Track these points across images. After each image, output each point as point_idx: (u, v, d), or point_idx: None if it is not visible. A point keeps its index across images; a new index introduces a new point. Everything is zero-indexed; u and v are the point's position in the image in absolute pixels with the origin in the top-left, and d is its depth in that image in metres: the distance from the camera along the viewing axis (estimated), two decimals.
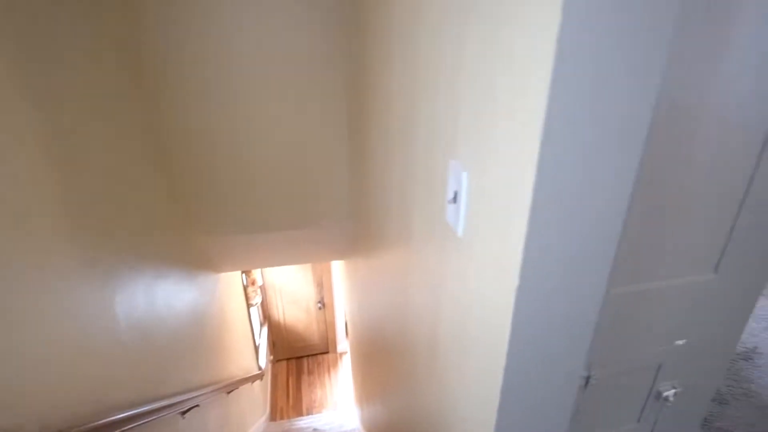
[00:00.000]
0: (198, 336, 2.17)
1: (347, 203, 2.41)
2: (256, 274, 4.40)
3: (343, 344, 5.47)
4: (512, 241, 0.53)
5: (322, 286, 5.19)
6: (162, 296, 1.67)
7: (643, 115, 0.47)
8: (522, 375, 0.60)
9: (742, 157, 0.73)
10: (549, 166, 0.46)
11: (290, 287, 5.13)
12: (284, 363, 5.43)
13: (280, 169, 2.20)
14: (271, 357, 5.27)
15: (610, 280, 0.78)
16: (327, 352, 5.56)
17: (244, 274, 3.97)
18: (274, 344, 5.33)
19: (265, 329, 4.86)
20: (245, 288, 3.92)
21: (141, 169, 1.61)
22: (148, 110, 1.78)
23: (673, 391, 0.94)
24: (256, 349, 4.10)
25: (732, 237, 0.79)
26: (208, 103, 1.94)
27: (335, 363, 5.46)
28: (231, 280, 3.34)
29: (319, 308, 5.29)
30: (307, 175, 2.26)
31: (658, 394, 0.93)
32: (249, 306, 3.94)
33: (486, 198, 0.61)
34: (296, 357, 5.50)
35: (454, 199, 0.73)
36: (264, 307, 5.10)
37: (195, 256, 2.23)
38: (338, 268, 4.62)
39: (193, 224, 2.25)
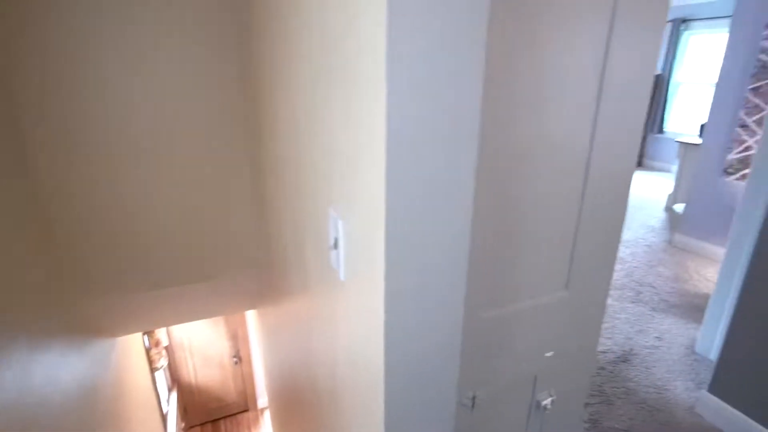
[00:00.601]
0: (89, 413, 1.94)
1: (254, 250, 2.38)
2: (161, 334, 4.06)
3: (264, 398, 5.18)
4: (376, 281, 0.59)
5: (237, 339, 4.92)
6: (42, 373, 1.49)
7: (470, 162, 0.57)
8: (401, 407, 0.65)
9: (571, 188, 0.88)
10: (396, 211, 0.54)
11: (201, 343, 4.79)
12: (198, 430, 4.98)
13: (178, 218, 2.12)
14: (183, 424, 4.81)
15: (480, 305, 0.88)
16: (246, 410, 5.21)
17: (145, 336, 3.64)
18: (185, 409, 4.88)
19: (174, 394, 4.45)
20: (148, 351, 3.59)
21: (7, 222, 1.47)
22: (13, 156, 1.64)
23: (549, 399, 1.05)
24: (164, 417, 3.73)
25: (574, 257, 0.94)
26: (88, 147, 1.83)
27: (256, 421, 5.13)
28: (130, 344, 3.05)
29: (235, 363, 4.98)
30: (210, 224, 2.20)
31: (538, 404, 1.04)
32: (153, 370, 3.60)
33: (355, 243, 0.67)
34: (212, 420, 5.07)
35: (335, 245, 0.79)
36: (172, 368, 4.68)
37: (84, 321, 2.03)
38: (252, 317, 4.44)
39: (80, 285, 2.06)
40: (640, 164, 6.76)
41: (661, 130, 6.40)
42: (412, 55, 0.48)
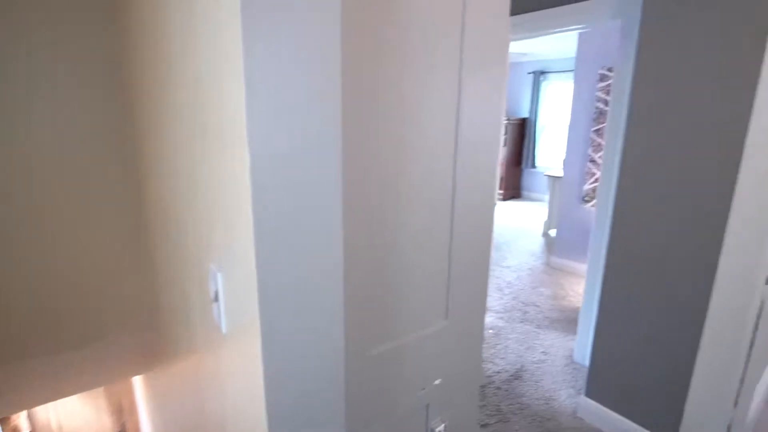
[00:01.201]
0: None
1: (138, 309, 2.17)
2: (20, 418, 3.43)
3: None
4: (253, 332, 0.60)
5: (123, 411, 4.33)
6: None
7: (335, 204, 0.62)
8: None
9: (440, 223, 0.98)
10: (266, 260, 0.57)
11: (77, 424, 4.13)
12: None
13: (46, 275, 1.88)
14: None
15: (367, 343, 0.92)
16: None
17: None
18: None
19: None
20: None
21: None
22: None
23: (442, 425, 1.11)
24: None
25: (450, 288, 1.03)
26: None
27: None
28: None
29: None
30: (86, 281, 1.98)
31: (432, 431, 1.09)
32: None
33: (234, 295, 0.68)
34: None
35: (216, 298, 0.78)
36: None
37: None
38: (140, 383, 3.96)
39: None
40: (519, 196, 7.56)
41: (533, 165, 7.27)
42: (269, 112, 0.53)
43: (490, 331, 3.10)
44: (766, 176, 1.55)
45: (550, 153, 7.13)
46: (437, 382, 1.08)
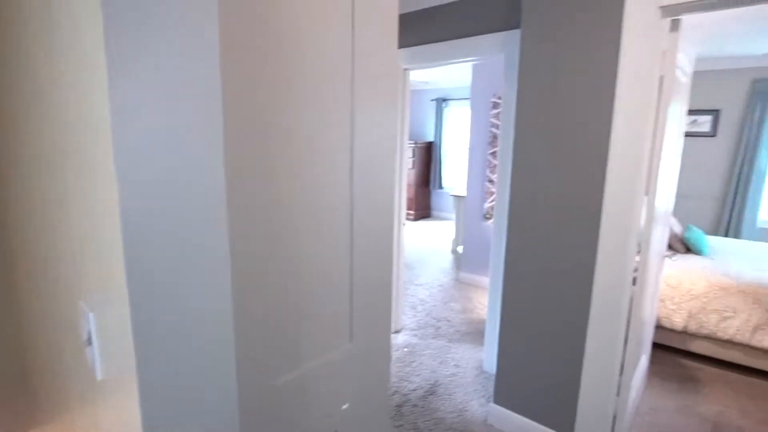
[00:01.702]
0: None
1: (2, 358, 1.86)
2: None
3: None
4: (128, 379, 0.55)
5: None
6: None
7: (221, 234, 0.59)
8: None
9: (340, 247, 0.98)
10: (142, 295, 0.52)
11: None
12: None
13: None
14: None
15: (270, 373, 0.88)
16: None
17: None
18: None
19: None
20: None
21: None
22: None
23: None
24: None
25: (353, 311, 1.04)
26: None
27: None
28: None
29: None
30: None
31: None
32: None
33: (108, 336, 0.61)
34: None
35: (89, 341, 0.70)
36: None
37: None
38: None
39: None
40: (429, 215, 7.89)
41: (440, 186, 7.66)
42: (139, 135, 0.50)
43: (405, 349, 3.15)
44: (623, 189, 1.79)
45: (455, 174, 7.58)
46: (345, 406, 1.07)
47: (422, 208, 7.72)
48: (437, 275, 4.78)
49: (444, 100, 7.39)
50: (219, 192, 0.59)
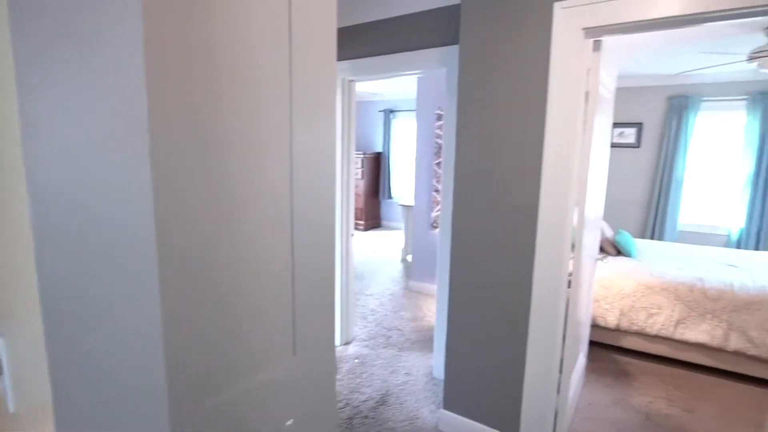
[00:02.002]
0: None
1: None
2: None
3: None
4: (45, 407, 0.51)
5: None
6: None
7: (149, 246, 0.57)
8: None
9: (281, 257, 0.97)
10: (57, 322, 0.49)
11: None
12: None
13: None
14: None
15: (204, 394, 0.84)
16: None
17: None
18: None
19: None
20: None
21: None
22: None
23: None
24: None
25: (296, 323, 1.02)
26: None
27: None
28: None
29: None
30: None
31: None
32: None
33: (22, 364, 0.57)
34: None
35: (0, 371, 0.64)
36: None
37: None
38: None
39: None
40: (379, 225, 7.94)
41: (390, 196, 7.74)
42: (55, 149, 0.47)
43: (356, 360, 3.13)
44: (556, 198, 1.90)
45: (405, 184, 7.70)
46: (289, 422, 1.05)
47: (372, 218, 7.76)
48: (388, 284, 4.81)
49: (392, 111, 7.51)
50: (145, 199, 0.57)
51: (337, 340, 3.35)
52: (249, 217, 0.88)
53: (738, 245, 5.15)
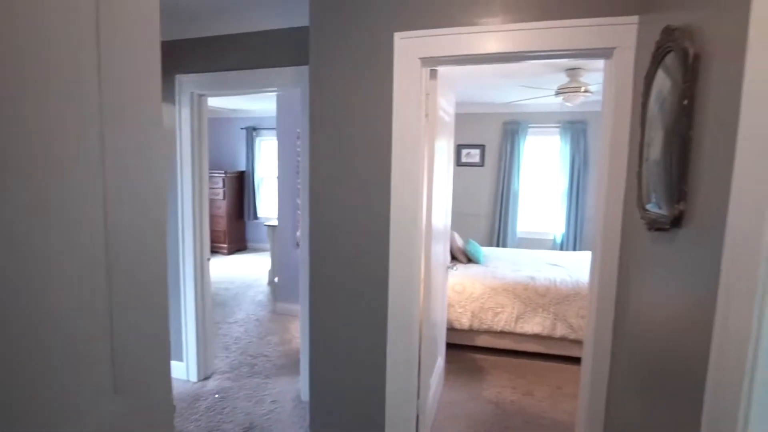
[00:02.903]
0: None
1: None
2: None
3: None
4: None
5: None
6: None
7: None
8: None
9: (92, 288, 0.84)
10: None
11: None
12: None
13: None
14: None
15: None
16: None
17: None
18: None
19: None
20: None
21: None
22: None
23: None
24: None
25: (115, 356, 0.90)
26: None
27: None
28: None
29: None
30: None
31: None
32: None
33: None
34: None
35: None
36: None
37: None
38: None
39: None
40: (245, 248, 7.56)
41: (256, 217, 7.43)
42: None
43: (217, 395, 2.89)
44: (405, 212, 2.03)
45: (271, 204, 7.48)
46: None
47: (237, 240, 7.35)
48: (254, 309, 4.57)
49: (255, 129, 7.28)
50: None
51: (194, 376, 3.04)
52: (51, 241, 0.75)
53: (561, 247, 6.13)
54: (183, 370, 3.04)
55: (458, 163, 6.44)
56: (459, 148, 6.41)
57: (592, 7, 1.76)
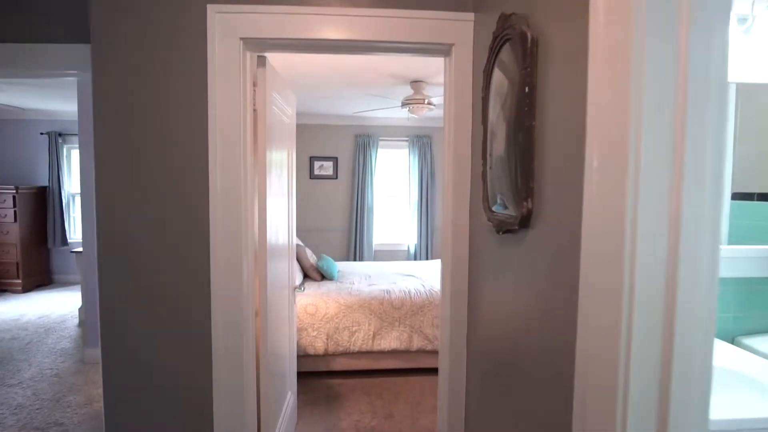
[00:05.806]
0: None
1: None
2: None
3: None
4: None
5: None
6: None
7: None
8: None
9: None
10: None
11: None
12: None
13: None
14: None
15: None
16: None
17: None
18: None
19: None
20: None
21: None
22: None
23: None
24: None
25: None
26: None
27: None
28: None
29: None
30: None
31: None
32: None
33: None
34: None
35: None
36: None
37: None
38: None
39: None
40: (50, 282, 6.05)
41: (64, 243, 6.02)
42: None
43: None
44: (228, 229, 1.65)
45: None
46: None
47: (38, 273, 5.84)
48: (52, 362, 3.55)
49: (60, 134, 5.94)
50: None
51: None
52: None
53: (415, 257, 6.28)
54: None
55: (311, 175, 6.17)
56: (312, 160, 6.15)
57: None
